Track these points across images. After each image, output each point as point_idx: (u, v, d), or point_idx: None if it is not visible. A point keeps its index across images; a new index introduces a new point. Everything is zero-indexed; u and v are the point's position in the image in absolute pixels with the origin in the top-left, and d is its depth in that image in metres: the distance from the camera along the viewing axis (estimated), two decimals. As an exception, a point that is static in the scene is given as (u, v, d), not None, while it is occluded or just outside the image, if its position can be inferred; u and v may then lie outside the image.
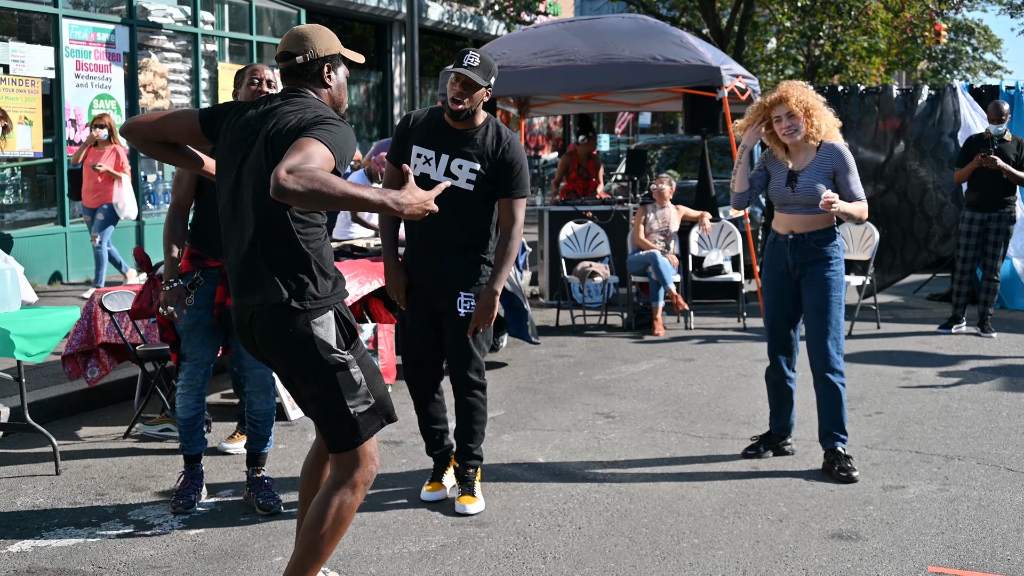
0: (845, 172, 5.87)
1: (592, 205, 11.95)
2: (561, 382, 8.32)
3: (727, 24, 22.86)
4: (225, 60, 15.47)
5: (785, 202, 5.96)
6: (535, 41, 11.39)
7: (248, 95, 5.36)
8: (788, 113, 5.79)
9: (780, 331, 6.21)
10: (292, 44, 3.88)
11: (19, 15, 12.52)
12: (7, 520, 5.26)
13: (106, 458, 6.27)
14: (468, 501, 5.35)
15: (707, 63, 10.56)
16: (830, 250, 5.93)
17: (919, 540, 4.96)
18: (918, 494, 5.59)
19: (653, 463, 6.17)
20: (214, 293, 5.32)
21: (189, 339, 5.36)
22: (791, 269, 6.01)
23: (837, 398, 5.98)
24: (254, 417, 5.47)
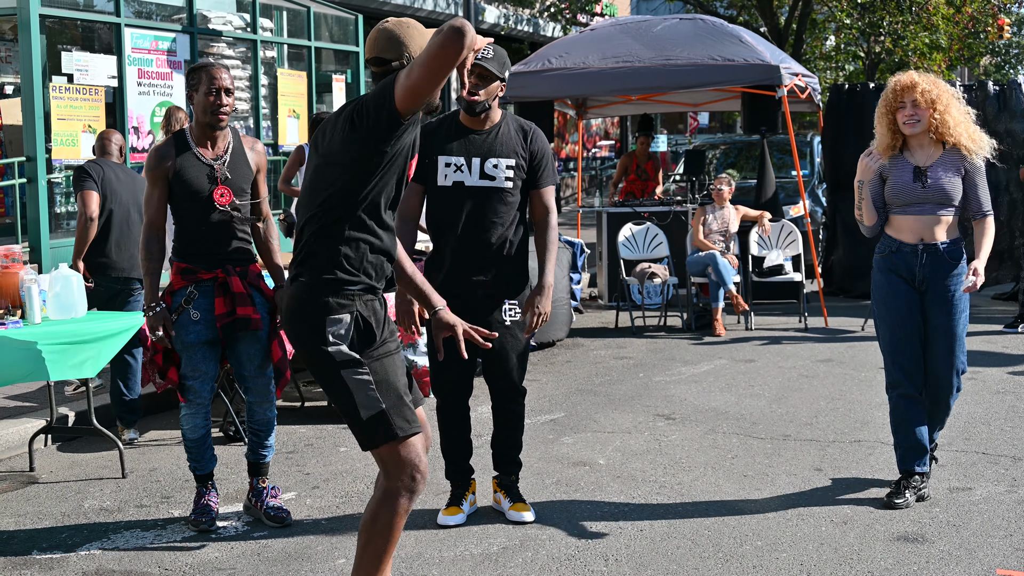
0: (976, 174, 5.40)
1: (650, 206, 11.91)
2: (621, 384, 8.30)
3: (785, 22, 22.68)
4: (284, 66, 15.59)
5: (911, 201, 5.39)
6: (592, 42, 11.37)
7: (205, 104, 5.06)
8: (913, 101, 5.33)
9: (910, 352, 5.49)
10: (386, 48, 3.71)
11: (82, 25, 12.71)
12: (75, 522, 5.35)
13: (171, 461, 6.35)
14: (523, 509, 5.27)
15: (766, 62, 10.47)
16: (961, 263, 5.43)
17: (987, 542, 4.89)
18: (985, 496, 5.51)
19: (715, 465, 6.13)
20: (212, 306, 5.10)
21: (191, 356, 5.12)
22: (918, 282, 5.47)
23: (944, 421, 5.69)
24: (256, 427, 5.34)
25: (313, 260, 3.71)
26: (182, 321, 5.07)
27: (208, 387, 5.19)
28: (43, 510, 5.54)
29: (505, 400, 5.32)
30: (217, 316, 5.08)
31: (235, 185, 5.17)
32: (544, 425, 7.07)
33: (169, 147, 5.14)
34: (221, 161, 5.17)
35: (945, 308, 5.42)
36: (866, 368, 8.69)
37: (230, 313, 5.10)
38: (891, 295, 5.53)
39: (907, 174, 5.41)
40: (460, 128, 5.12)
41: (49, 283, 6.03)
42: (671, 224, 11.46)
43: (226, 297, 5.11)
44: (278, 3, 15.55)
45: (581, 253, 11.12)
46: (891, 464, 6.05)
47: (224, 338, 5.19)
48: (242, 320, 5.09)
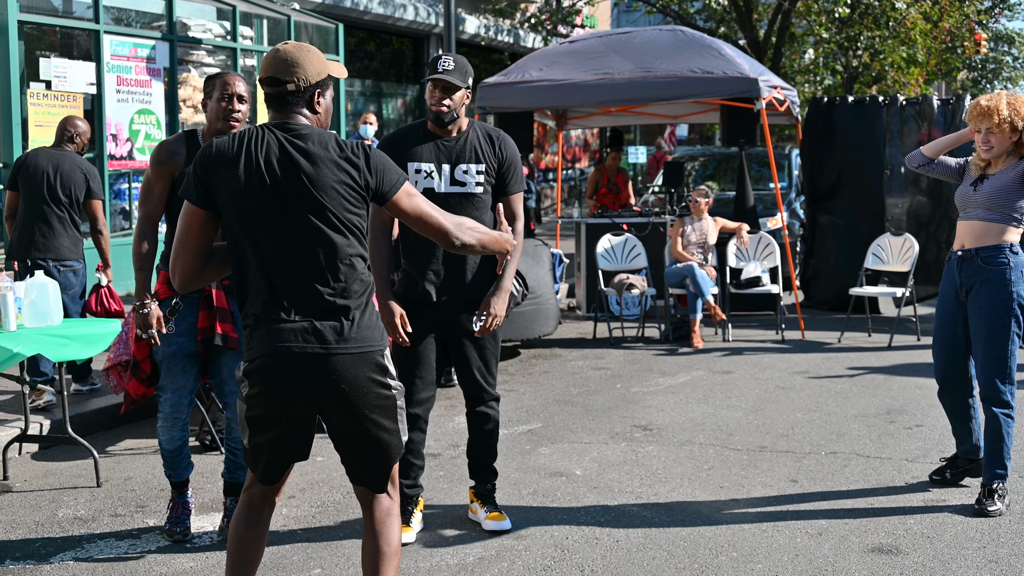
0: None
1: (629, 217, 11.95)
2: (598, 395, 8.31)
3: (764, 35, 22.78)
4: (264, 74, 15.58)
5: (965, 205, 5.55)
6: (573, 54, 11.39)
7: (218, 110, 4.98)
8: (988, 129, 5.41)
9: (948, 357, 5.68)
10: (280, 69, 3.59)
11: (61, 31, 12.67)
12: (49, 532, 5.31)
13: (147, 470, 6.32)
14: (499, 518, 5.27)
15: (745, 75, 10.52)
16: (1000, 269, 5.43)
17: (960, 554, 4.92)
18: (959, 508, 5.53)
19: (691, 476, 6.15)
20: (196, 319, 5.03)
21: (170, 367, 5.04)
22: (959, 289, 5.57)
23: (999, 431, 5.47)
24: (235, 444, 5.14)
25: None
26: (162, 333, 4.99)
27: (186, 400, 5.10)
28: (16, 519, 5.50)
29: (478, 405, 5.30)
30: (200, 329, 5.02)
31: None
32: (521, 435, 7.07)
33: (180, 144, 5.03)
34: None
35: (979, 316, 5.49)
36: (842, 380, 8.73)
37: (211, 328, 5.02)
38: (940, 300, 5.75)
39: (971, 179, 5.59)
40: (428, 135, 5.11)
41: (25, 291, 6.01)
42: (649, 235, 11.49)
43: (209, 311, 5.03)
44: (258, 12, 15.53)
45: (560, 264, 11.13)
46: (866, 476, 6.11)
47: (204, 352, 5.12)
48: (221, 337, 5.00)
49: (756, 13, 23.16)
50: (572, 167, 28.38)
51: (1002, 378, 5.46)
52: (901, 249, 10.95)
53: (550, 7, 23.17)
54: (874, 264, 11.09)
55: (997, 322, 5.42)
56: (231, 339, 5.02)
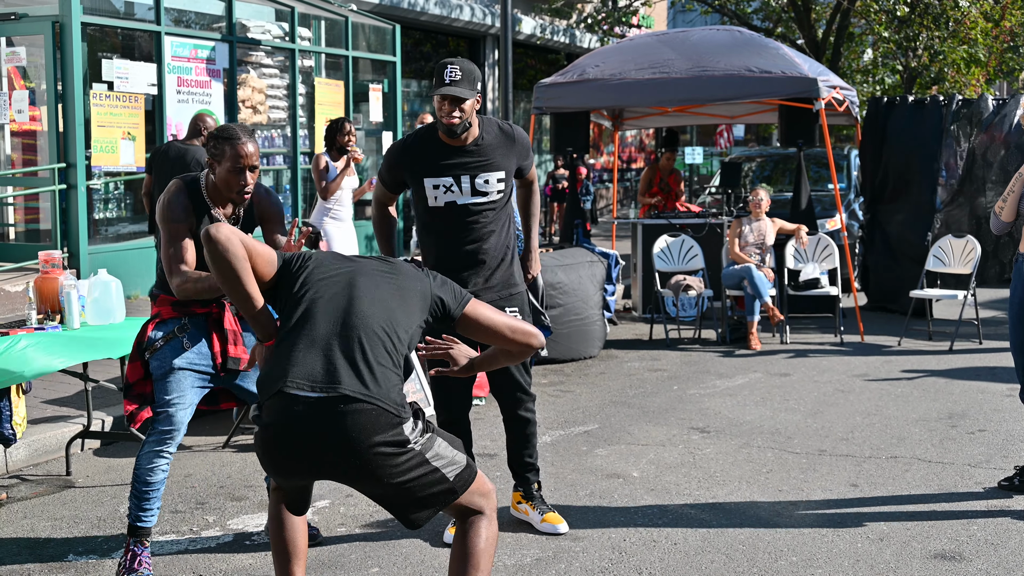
0: None
1: (686, 218, 11.88)
2: (655, 396, 8.27)
3: (823, 35, 22.57)
4: (322, 75, 15.68)
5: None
6: (629, 53, 11.35)
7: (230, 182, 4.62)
8: None
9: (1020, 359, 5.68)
10: None
11: (122, 33, 12.84)
12: (111, 528, 5.37)
13: (206, 467, 6.37)
14: (556, 520, 5.21)
15: (804, 74, 10.42)
16: None
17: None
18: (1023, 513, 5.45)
19: (749, 479, 6.09)
20: (209, 341, 4.75)
21: (178, 380, 4.64)
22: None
23: None
24: None
25: None
26: (173, 346, 4.67)
27: (186, 420, 4.67)
28: (79, 514, 5.56)
29: (514, 407, 5.22)
30: (216, 353, 4.75)
31: None
32: (578, 437, 7.04)
33: (183, 196, 4.63)
34: (235, 218, 4.78)
35: None
36: (902, 384, 8.62)
37: (223, 352, 4.76)
38: (1014, 302, 5.64)
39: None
40: (443, 147, 4.99)
41: (88, 288, 6.08)
42: (706, 236, 11.43)
43: (221, 333, 4.77)
44: (316, 13, 15.63)
45: (616, 265, 11.09)
46: (927, 480, 6.02)
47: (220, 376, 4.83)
48: (233, 360, 4.76)
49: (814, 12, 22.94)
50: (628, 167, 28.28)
51: None
52: (963, 251, 10.78)
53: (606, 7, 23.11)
54: (935, 266, 10.94)
55: None
56: (243, 360, 4.78)
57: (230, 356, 4.74)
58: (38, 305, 6.01)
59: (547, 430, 7.17)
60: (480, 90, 4.95)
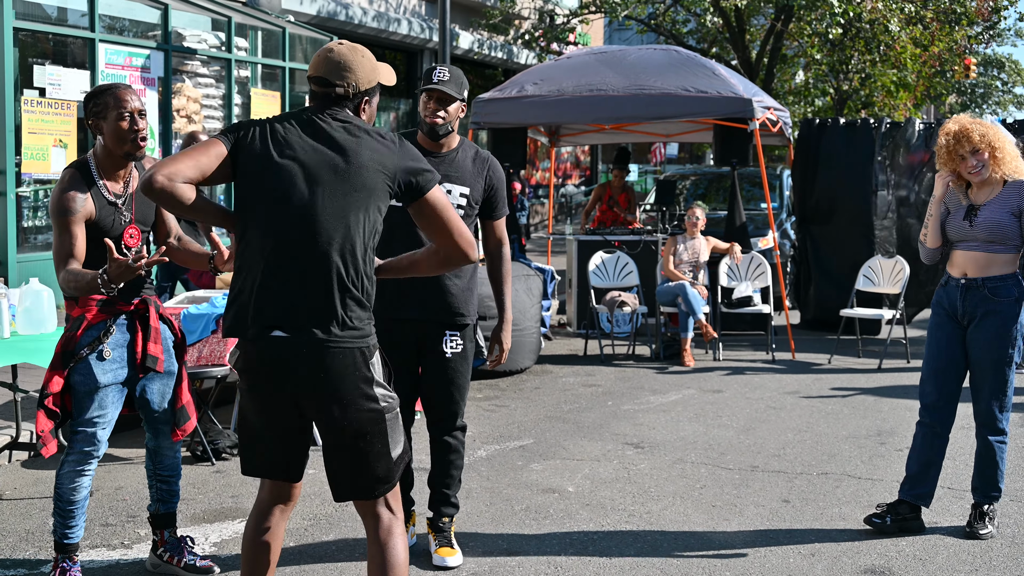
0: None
1: (621, 235, 11.96)
2: (590, 411, 8.31)
3: (757, 56, 22.88)
4: (258, 86, 15.59)
5: (962, 238, 5.43)
6: (567, 71, 11.43)
7: (119, 132, 4.41)
8: (973, 150, 5.34)
9: (941, 383, 5.53)
10: (332, 72, 3.57)
11: (55, 39, 12.66)
12: (40, 541, 5.28)
13: (136, 480, 6.29)
14: (449, 553, 5.00)
15: (739, 95, 10.57)
16: (1006, 301, 5.36)
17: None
18: (950, 530, 5.54)
19: (683, 494, 6.14)
20: (132, 342, 4.58)
21: (102, 400, 4.48)
22: (960, 316, 5.47)
23: (992, 458, 5.45)
24: (165, 473, 4.81)
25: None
26: (93, 360, 4.46)
27: (107, 435, 4.52)
28: (7, 527, 5.46)
29: (442, 432, 5.03)
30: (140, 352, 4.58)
31: (142, 221, 4.61)
32: (513, 451, 7.06)
33: (79, 184, 4.42)
34: (127, 198, 4.55)
35: (983, 344, 5.41)
36: (833, 401, 8.75)
37: (143, 351, 4.58)
38: (935, 327, 5.60)
39: (961, 211, 5.47)
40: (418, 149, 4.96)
41: (19, 297, 5.99)
42: (641, 253, 11.52)
43: (145, 330, 4.60)
44: (253, 23, 15.56)
45: (551, 280, 11.15)
46: (857, 497, 6.11)
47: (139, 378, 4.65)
48: (151, 359, 4.58)
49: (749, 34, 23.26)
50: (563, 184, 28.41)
51: (1001, 407, 5.46)
52: (892, 271, 10.98)
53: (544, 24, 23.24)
54: (865, 286, 11.13)
55: (1002, 352, 5.39)
56: (160, 361, 4.62)
57: (149, 354, 4.58)
58: (-34, 314, 5.90)
59: (482, 444, 7.18)
60: (464, 98, 4.87)
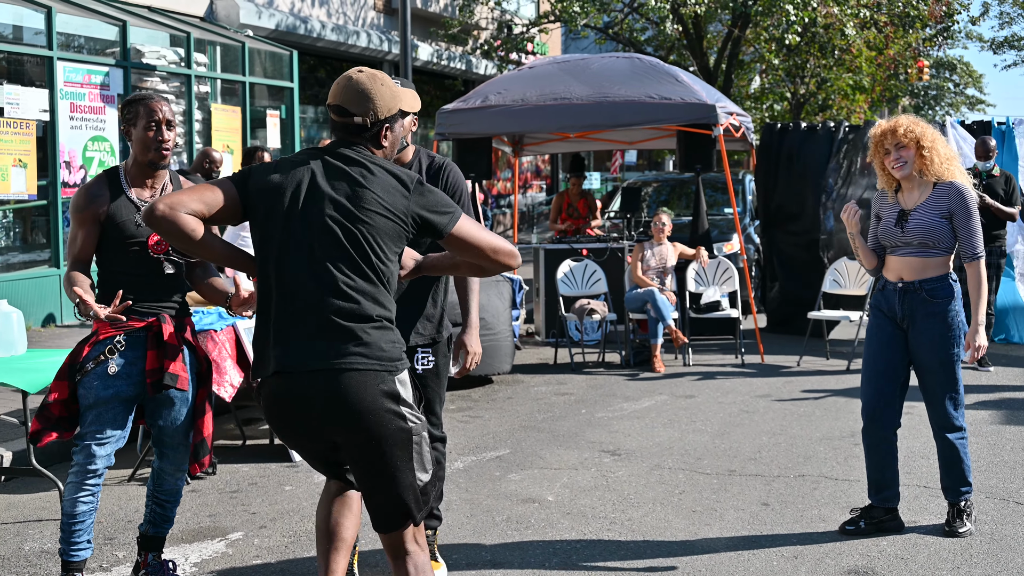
0: (964, 216, 5.33)
1: (588, 243, 11.98)
2: (564, 420, 8.30)
3: (715, 62, 23.02)
4: (218, 101, 15.50)
5: (895, 244, 5.43)
6: (531, 80, 11.43)
7: (146, 140, 4.51)
8: (897, 144, 5.34)
9: (882, 386, 5.52)
10: (351, 101, 3.52)
11: (12, 58, 12.53)
12: (16, 565, 5.20)
13: (112, 501, 6.21)
14: (435, 567, 4.91)
15: (702, 101, 10.62)
16: (945, 300, 5.36)
17: (937, 574, 4.95)
18: (930, 529, 5.58)
19: (663, 500, 6.15)
20: (141, 359, 4.51)
21: (100, 414, 4.44)
22: (900, 320, 5.46)
23: (956, 455, 5.46)
24: (163, 497, 4.74)
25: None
26: (98, 373, 4.44)
27: (110, 454, 4.48)
28: (-19, 553, 5.38)
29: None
30: (149, 371, 4.50)
31: None
32: (490, 462, 7.03)
33: (101, 186, 4.54)
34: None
35: (927, 346, 5.41)
36: (805, 403, 8.80)
37: (160, 369, 4.51)
38: (874, 330, 5.59)
39: (893, 217, 5.47)
40: None
41: (-13, 320, 5.91)
42: (608, 260, 11.53)
43: (159, 350, 4.52)
44: (212, 38, 15.47)
45: (519, 289, 11.13)
46: (836, 498, 6.14)
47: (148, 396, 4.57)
48: (171, 377, 4.50)
49: (707, 40, 23.40)
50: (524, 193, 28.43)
51: (954, 404, 5.45)
52: (858, 273, 11.05)
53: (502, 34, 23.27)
54: (832, 288, 11.19)
55: (948, 352, 5.39)
56: (181, 379, 4.54)
57: (167, 372, 4.50)
58: (-66, 337, 5.82)
59: (459, 456, 7.15)
60: (418, 112, 4.75)
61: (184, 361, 4.60)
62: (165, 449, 4.70)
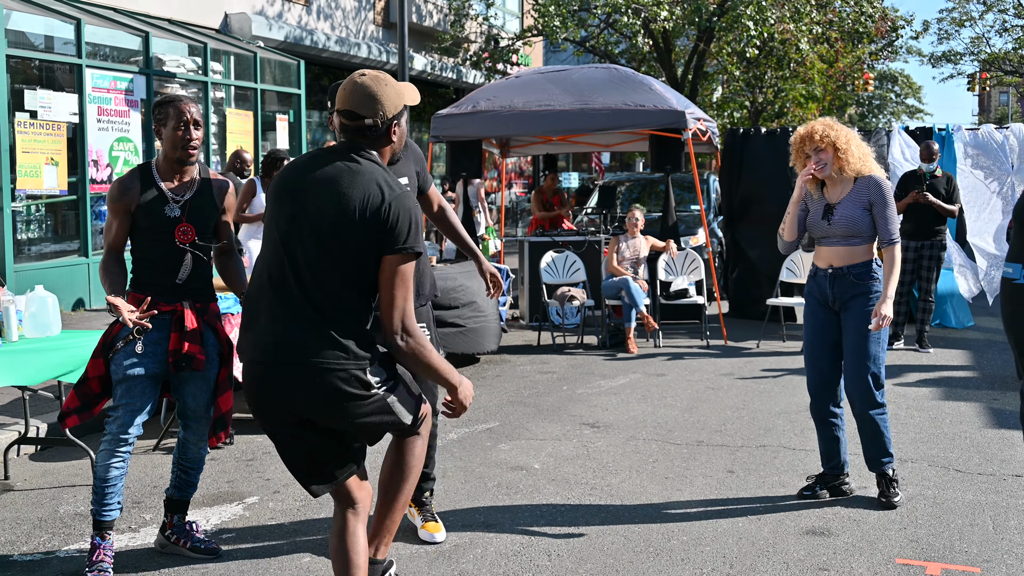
0: (881, 206, 5.34)
1: (568, 236, 11.97)
2: (548, 396, 8.30)
3: (682, 73, 22.99)
4: (231, 106, 15.41)
5: (824, 235, 5.43)
6: (518, 88, 11.41)
7: (175, 139, 4.54)
8: (816, 148, 5.34)
9: (822, 366, 5.53)
10: (361, 105, 3.43)
11: (44, 65, 12.43)
12: (51, 526, 5.18)
13: (139, 469, 6.19)
14: (435, 528, 4.95)
15: (673, 108, 10.61)
16: (870, 284, 5.36)
17: (885, 535, 4.97)
18: (879, 493, 5.59)
19: (639, 468, 6.15)
20: (166, 340, 4.53)
21: (130, 388, 4.45)
22: (831, 303, 5.46)
23: (878, 430, 5.40)
24: (188, 464, 4.76)
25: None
26: (127, 351, 4.46)
27: (138, 424, 4.48)
28: (20, 516, 5.35)
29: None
30: (171, 352, 4.52)
31: (199, 223, 4.60)
32: (482, 434, 7.03)
33: (133, 179, 4.56)
34: (185, 197, 4.59)
35: (853, 326, 5.39)
36: (764, 381, 8.81)
37: (180, 350, 4.53)
38: (809, 314, 5.57)
39: (820, 211, 5.46)
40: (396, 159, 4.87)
41: (26, 304, 5.87)
42: (586, 252, 11.52)
43: (180, 333, 4.54)
44: (227, 48, 15.38)
45: (506, 278, 11.12)
46: (794, 466, 6.16)
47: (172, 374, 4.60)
48: (186, 357, 4.52)
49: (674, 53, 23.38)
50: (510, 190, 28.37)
51: (876, 383, 5.37)
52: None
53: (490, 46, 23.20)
54: (788, 277, 11.21)
55: (870, 332, 5.35)
56: (197, 360, 4.55)
57: (184, 353, 4.52)
58: (-24, 320, 5.77)
59: (453, 428, 7.14)
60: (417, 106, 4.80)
61: (203, 343, 4.60)
62: (189, 421, 4.72)
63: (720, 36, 21.41)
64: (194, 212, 4.60)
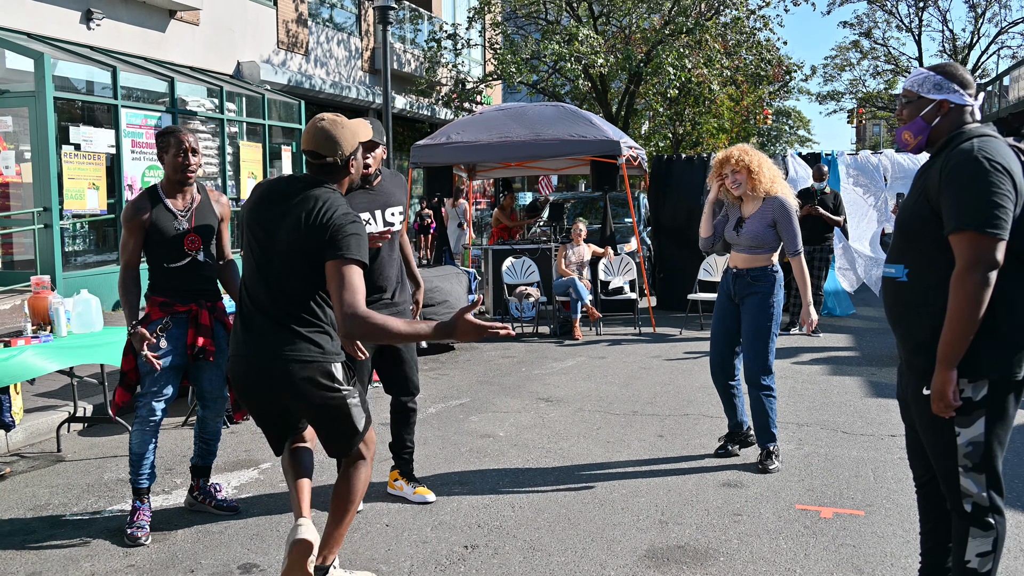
0: (785, 222, 5.32)
1: (524, 245, 11.97)
2: (509, 376, 8.29)
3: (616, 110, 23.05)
4: (244, 139, 15.25)
5: (734, 243, 5.44)
6: (482, 123, 11.40)
7: (175, 164, 4.44)
8: (732, 170, 5.35)
9: (721, 348, 5.49)
10: (322, 146, 3.38)
11: (86, 105, 12.25)
12: (98, 490, 5.11)
13: (170, 441, 6.11)
14: (426, 492, 4.85)
15: (609, 138, 10.64)
16: (764, 285, 5.32)
17: (787, 485, 5.02)
18: (782, 452, 5.64)
19: (585, 434, 6.16)
20: (184, 335, 4.48)
21: (155, 377, 4.40)
22: (733, 296, 5.45)
23: (762, 408, 5.33)
24: (207, 436, 4.72)
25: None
26: (151, 347, 4.40)
27: (163, 406, 4.43)
28: (71, 482, 5.27)
29: (406, 399, 4.79)
30: (189, 345, 4.47)
31: (203, 232, 4.52)
32: (455, 408, 7.01)
33: (144, 200, 4.44)
34: (190, 212, 4.50)
35: (748, 319, 5.37)
36: (686, 362, 8.86)
37: (196, 344, 4.49)
38: (717, 306, 5.58)
39: (733, 222, 5.48)
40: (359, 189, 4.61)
41: (73, 305, 5.79)
42: (540, 258, 11.52)
43: (196, 328, 4.50)
44: (239, 91, 15.23)
45: (474, 280, 11.08)
46: (712, 431, 6.19)
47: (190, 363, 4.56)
48: (202, 349, 4.49)
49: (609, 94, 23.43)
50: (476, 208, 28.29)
51: (763, 368, 5.31)
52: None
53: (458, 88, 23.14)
54: (704, 276, 11.29)
55: (762, 325, 5.29)
56: (209, 351, 4.50)
57: (199, 346, 4.49)
58: (32, 319, 5.68)
59: (431, 403, 7.12)
60: (384, 143, 4.66)
61: (214, 336, 4.57)
62: (206, 401, 4.67)
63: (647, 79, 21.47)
64: (199, 224, 4.53)
